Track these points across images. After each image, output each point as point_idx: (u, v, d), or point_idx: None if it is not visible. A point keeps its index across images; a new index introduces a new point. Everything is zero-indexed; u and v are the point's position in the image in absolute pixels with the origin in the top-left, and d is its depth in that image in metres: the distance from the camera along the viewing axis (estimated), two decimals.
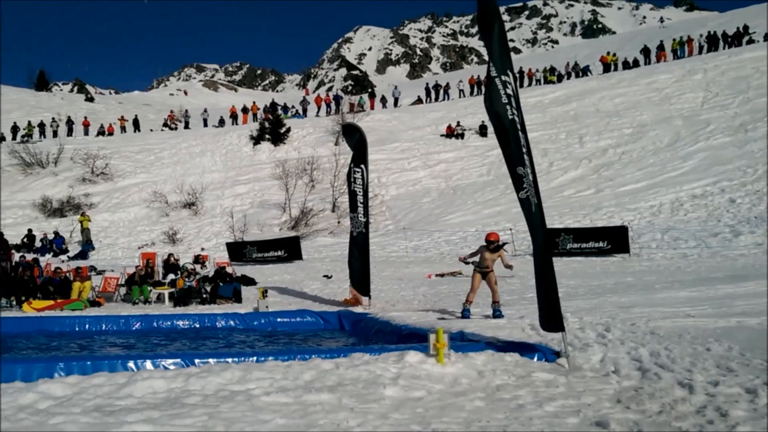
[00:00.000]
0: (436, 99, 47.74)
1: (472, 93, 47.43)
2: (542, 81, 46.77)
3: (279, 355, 6.67)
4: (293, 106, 51.09)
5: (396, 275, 16.34)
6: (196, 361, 6.39)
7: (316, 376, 5.70)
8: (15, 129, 46.27)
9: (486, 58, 6.56)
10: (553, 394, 5.18)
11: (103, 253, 24.29)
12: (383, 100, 48.77)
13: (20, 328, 10.57)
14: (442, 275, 15.92)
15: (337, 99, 47.10)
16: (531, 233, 6.60)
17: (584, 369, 5.98)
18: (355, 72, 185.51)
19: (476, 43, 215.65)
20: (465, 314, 9.53)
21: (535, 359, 6.43)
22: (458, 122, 37.41)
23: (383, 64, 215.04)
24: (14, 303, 13.03)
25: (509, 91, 6.20)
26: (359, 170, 12.06)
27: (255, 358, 6.53)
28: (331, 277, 16.64)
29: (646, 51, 46.35)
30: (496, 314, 9.37)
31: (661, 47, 45.84)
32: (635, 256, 17.74)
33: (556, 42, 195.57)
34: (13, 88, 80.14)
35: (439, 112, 41.60)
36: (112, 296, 14.49)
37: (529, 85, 46.04)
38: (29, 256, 17.66)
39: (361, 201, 12.04)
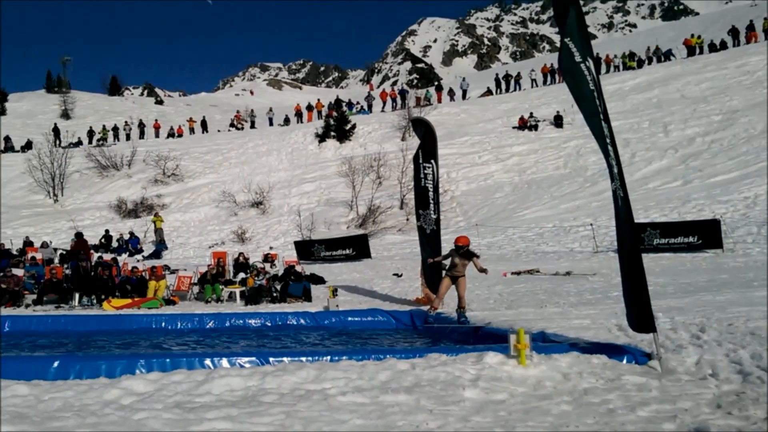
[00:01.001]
0: (507, 90, 47.02)
1: (545, 82, 46.38)
2: (621, 67, 45.36)
3: (353, 354, 6.72)
4: (358, 102, 51.50)
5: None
6: (271, 359, 6.53)
7: (392, 377, 5.70)
8: (91, 133, 49.25)
9: (559, 45, 6.38)
10: (645, 399, 4.97)
11: (176, 252, 25.27)
12: (451, 92, 48.44)
13: (100, 325, 11.14)
14: (518, 273, 15.61)
15: (403, 93, 47.04)
16: (617, 228, 6.41)
17: (678, 372, 5.73)
18: (420, 65, 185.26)
19: (548, 30, 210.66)
20: (428, 320, 9.68)
21: (624, 361, 6.21)
22: (531, 113, 36.68)
23: (449, 56, 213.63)
24: (94, 301, 13.83)
25: (592, 78, 6.06)
26: (429, 165, 11.97)
27: (329, 357, 6.59)
28: (401, 275, 16.63)
29: (734, 32, 44.00)
30: (462, 320, 9.35)
31: (751, 27, 43.44)
32: (729, 252, 16.80)
33: (634, 26, 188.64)
34: (88, 94, 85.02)
35: (510, 104, 40.90)
36: (185, 295, 15.04)
37: (607, 71, 44.57)
38: (107, 256, 18.56)
39: (432, 197, 11.96)
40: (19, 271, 15.62)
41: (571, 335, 7.46)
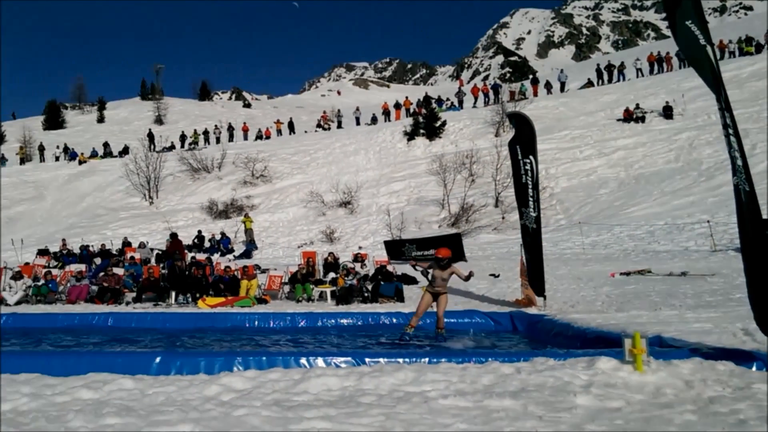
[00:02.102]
0: (609, 81, 45.57)
1: (651, 71, 44.44)
2: (737, 53, 42.97)
3: (453, 356, 6.67)
4: (448, 99, 51.41)
5: (573, 274, 15.71)
6: (367, 359, 6.64)
7: (496, 380, 5.64)
8: (183, 137, 52.15)
9: (665, 32, 6.06)
10: None
11: (266, 252, 26.09)
12: (547, 85, 47.59)
13: (197, 323, 11.67)
14: (627, 274, 14.96)
15: (496, 88, 46.58)
16: (740, 225, 6.08)
17: None
18: (513, 58, 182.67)
19: (652, 16, 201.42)
20: (404, 338, 9.39)
21: (754, 369, 5.84)
22: (637, 104, 35.20)
23: (544, 48, 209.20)
24: (190, 299, 14.60)
25: (715, 64, 5.80)
26: (528, 161, 11.75)
27: (427, 359, 6.57)
28: (498, 276, 16.39)
29: None
30: (440, 341, 9.33)
31: None
32: None
33: (750, 8, 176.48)
34: (180, 100, 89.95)
35: (614, 95, 39.47)
36: (276, 294, 15.49)
37: (722, 58, 42.00)
38: (201, 256, 19.46)
39: (531, 194, 11.74)
40: (119, 270, 16.76)
41: (691, 340, 7.09)
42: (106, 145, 53.27)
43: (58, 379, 6.35)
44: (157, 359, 7.03)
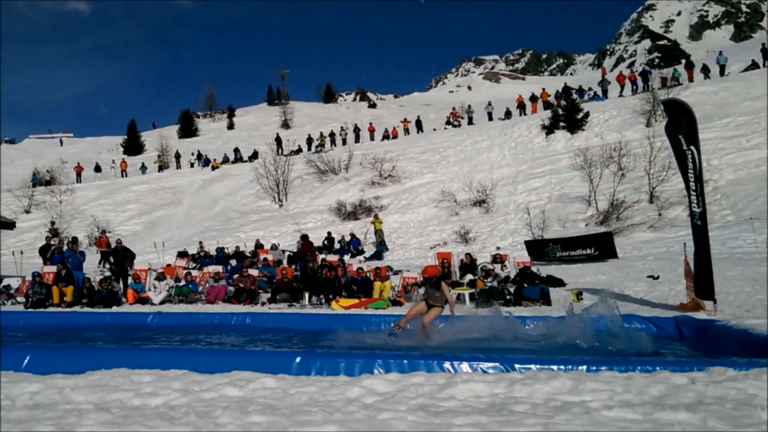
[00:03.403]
0: None
1: None
2: None
3: (615, 364, 6.40)
4: (590, 89, 50.31)
5: (746, 275, 14.59)
6: (517, 366, 6.55)
7: (667, 392, 5.41)
8: (309, 140, 54.57)
9: None
10: None
11: (397, 253, 26.41)
12: (705, 69, 44.83)
13: (331, 324, 11.94)
14: None
15: (645, 74, 44.70)
16: None
17: None
18: (661, 42, 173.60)
19: None
20: (390, 338, 9.66)
21: None
22: None
23: (698, 29, 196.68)
24: (323, 301, 15.14)
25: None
26: (689, 152, 11.18)
27: (585, 366, 6.38)
28: (657, 277, 15.51)
29: None
30: (390, 336, 9.52)
31: None
32: None
33: None
34: (305, 103, 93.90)
35: None
36: (411, 296, 15.56)
37: None
38: (332, 257, 20.07)
39: (693, 188, 11.13)
40: (254, 272, 17.69)
41: None
42: (236, 150, 56.95)
43: (204, 376, 6.73)
44: (297, 359, 7.23)
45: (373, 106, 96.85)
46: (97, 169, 56.80)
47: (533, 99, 49.16)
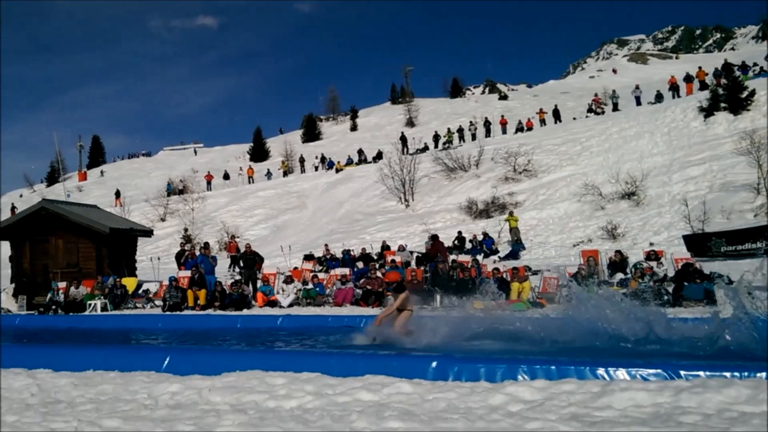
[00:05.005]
0: None
1: None
2: None
3: None
4: (754, 64, 47.14)
5: None
6: (682, 372, 6.31)
7: None
8: (436, 137, 55.16)
9: None
10: None
11: (535, 252, 25.78)
12: None
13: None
14: None
15: None
16: None
17: None
18: None
19: None
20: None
21: None
22: None
23: None
24: (456, 302, 14.75)
25: None
26: None
27: (765, 374, 6.00)
28: None
29: None
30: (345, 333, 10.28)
31: None
32: None
33: None
34: (430, 100, 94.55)
35: None
36: (553, 297, 15.05)
37: None
38: (463, 258, 19.89)
39: None
40: (380, 274, 17.80)
41: None
42: (360, 152, 58.62)
43: (337, 379, 6.88)
44: (434, 364, 7.17)
45: (504, 97, 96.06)
46: (226, 176, 60.67)
47: (688, 79, 47.66)
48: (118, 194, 56.55)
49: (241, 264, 21.11)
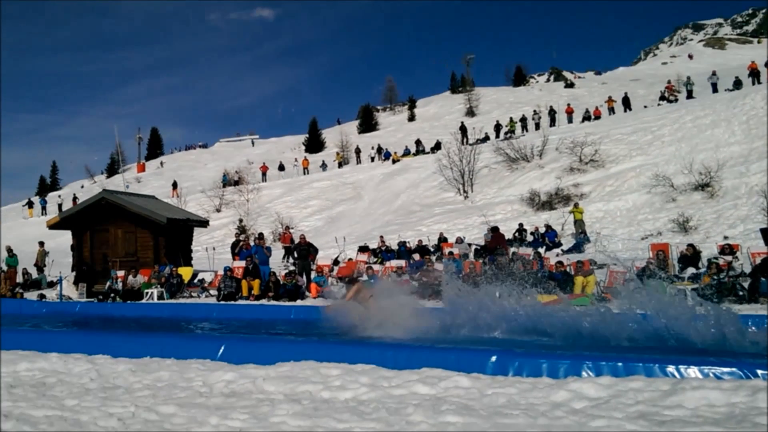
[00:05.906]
0: None
1: None
2: None
3: None
4: None
5: None
6: (759, 372, 6.22)
7: None
8: (497, 127, 54.62)
9: None
10: None
11: (600, 245, 25.31)
12: None
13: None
14: None
15: None
16: None
17: None
18: None
19: None
20: None
21: None
22: None
23: None
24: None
25: None
26: None
27: None
28: None
29: None
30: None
31: None
32: None
33: None
34: (492, 89, 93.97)
35: None
36: (620, 292, 14.72)
37: None
38: (524, 250, 19.67)
39: None
40: (438, 266, 17.76)
41: None
42: (418, 142, 58.61)
43: (392, 372, 6.94)
44: (493, 358, 7.15)
45: (570, 85, 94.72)
46: (281, 167, 61.56)
47: None
48: (175, 185, 57.95)
49: (295, 255, 21.39)
